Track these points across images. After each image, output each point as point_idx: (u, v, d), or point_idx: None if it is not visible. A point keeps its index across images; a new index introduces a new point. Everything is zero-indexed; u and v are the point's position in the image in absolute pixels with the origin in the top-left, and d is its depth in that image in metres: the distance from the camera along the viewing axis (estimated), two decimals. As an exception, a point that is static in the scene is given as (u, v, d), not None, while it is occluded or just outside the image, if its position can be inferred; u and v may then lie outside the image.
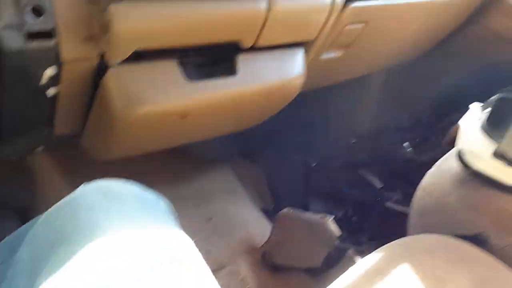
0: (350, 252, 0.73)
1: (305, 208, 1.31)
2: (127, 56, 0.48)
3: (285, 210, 0.83)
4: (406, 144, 1.14)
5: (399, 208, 1.32)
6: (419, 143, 1.18)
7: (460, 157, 0.61)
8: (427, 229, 0.65)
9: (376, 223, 1.26)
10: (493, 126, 0.56)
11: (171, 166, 0.99)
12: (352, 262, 0.72)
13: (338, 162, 1.54)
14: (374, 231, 1.21)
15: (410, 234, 0.70)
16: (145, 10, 0.44)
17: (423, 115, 1.27)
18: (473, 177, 0.60)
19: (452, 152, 0.72)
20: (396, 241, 0.59)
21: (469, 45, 1.22)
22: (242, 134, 0.86)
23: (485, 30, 1.18)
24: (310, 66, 0.77)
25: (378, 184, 1.44)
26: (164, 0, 0.46)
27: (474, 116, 0.62)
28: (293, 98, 0.68)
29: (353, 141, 1.59)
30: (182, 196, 0.97)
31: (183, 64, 0.54)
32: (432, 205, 0.64)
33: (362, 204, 1.35)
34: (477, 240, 0.56)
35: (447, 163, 0.68)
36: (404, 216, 1.16)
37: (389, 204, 1.35)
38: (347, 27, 0.74)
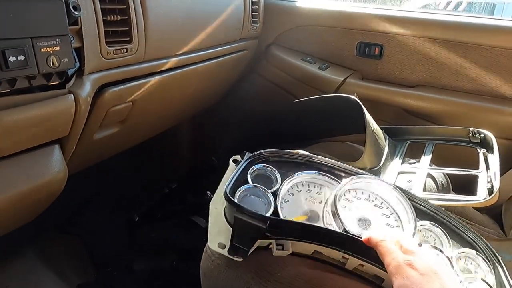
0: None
1: (130, 269, 1.28)
2: None
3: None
4: (208, 192, 1.22)
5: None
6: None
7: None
8: (209, 290, 0.70)
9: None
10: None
11: None
12: None
13: (162, 211, 1.56)
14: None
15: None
16: None
17: (222, 158, 1.38)
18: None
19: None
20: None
21: (251, 93, 1.39)
22: (47, 209, 0.78)
23: (261, 79, 1.37)
24: (84, 147, 0.76)
25: (203, 224, 1.50)
26: None
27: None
28: (59, 193, 0.66)
29: (174, 185, 1.63)
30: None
31: None
32: (210, 268, 0.69)
33: (188, 249, 1.39)
34: (245, 294, 0.64)
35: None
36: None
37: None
38: (112, 109, 0.76)
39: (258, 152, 0.67)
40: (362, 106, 0.93)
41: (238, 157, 0.69)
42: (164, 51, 0.83)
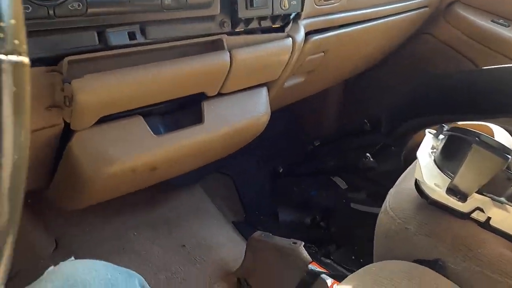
0: (323, 277, 0.76)
1: (275, 217, 1.35)
2: (91, 124, 0.47)
3: (256, 234, 0.84)
4: (367, 154, 1.18)
5: (364, 208, 1.37)
6: (379, 151, 1.23)
7: (418, 187, 0.65)
8: (390, 252, 0.69)
9: (342, 226, 1.31)
10: (445, 161, 0.59)
11: (138, 193, 0.99)
12: (325, 287, 0.75)
13: (305, 167, 1.58)
14: (341, 236, 1.26)
15: (375, 255, 0.74)
16: (107, 81, 0.44)
17: (381, 122, 1.32)
18: (431, 205, 0.64)
19: (410, 172, 0.76)
20: (362, 269, 0.62)
21: (418, 55, 1.28)
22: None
23: (434, 41, 1.24)
24: (275, 94, 0.78)
25: (343, 185, 1.49)
26: (124, 69, 0.45)
27: (428, 147, 0.66)
28: (259, 133, 0.70)
29: (317, 143, 1.63)
30: (153, 223, 0.97)
31: (149, 119, 0.54)
32: (395, 230, 0.67)
33: (329, 208, 1.40)
34: (436, 264, 0.61)
35: (406, 185, 0.72)
36: (368, 216, 1.20)
37: (354, 205, 1.40)
38: (308, 58, 0.76)
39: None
40: None
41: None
42: (360, 2, 0.80)
